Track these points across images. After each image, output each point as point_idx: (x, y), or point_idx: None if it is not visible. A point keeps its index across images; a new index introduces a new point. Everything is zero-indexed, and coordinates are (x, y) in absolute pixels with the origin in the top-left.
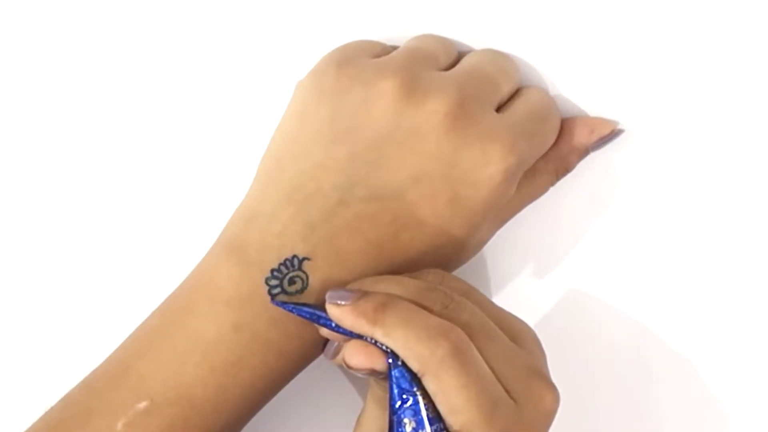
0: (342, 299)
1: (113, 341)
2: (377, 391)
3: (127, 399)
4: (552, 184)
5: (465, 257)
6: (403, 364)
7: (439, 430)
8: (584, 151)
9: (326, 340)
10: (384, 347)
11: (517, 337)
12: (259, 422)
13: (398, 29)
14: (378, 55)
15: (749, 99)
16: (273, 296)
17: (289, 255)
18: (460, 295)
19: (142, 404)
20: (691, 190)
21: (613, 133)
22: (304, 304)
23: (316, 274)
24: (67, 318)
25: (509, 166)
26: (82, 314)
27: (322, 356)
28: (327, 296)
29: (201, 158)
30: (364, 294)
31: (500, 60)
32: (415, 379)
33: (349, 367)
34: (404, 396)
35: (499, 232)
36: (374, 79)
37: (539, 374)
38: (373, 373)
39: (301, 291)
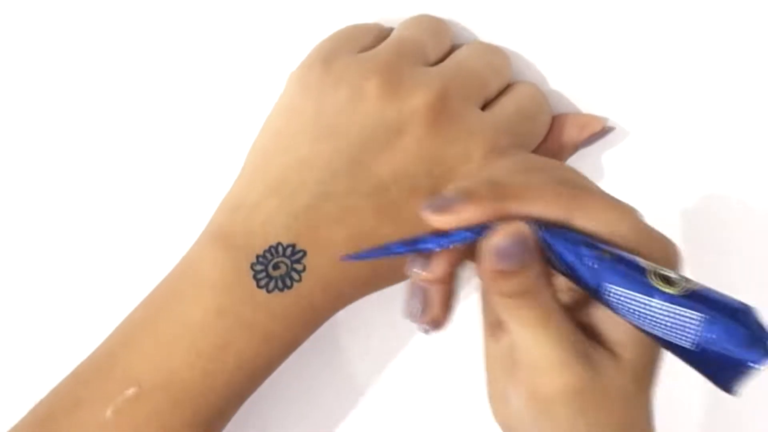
0: (446, 201)
1: (101, 335)
2: (490, 317)
3: (115, 387)
4: None
5: None
6: (548, 225)
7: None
8: (574, 148)
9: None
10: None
11: None
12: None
13: (394, 12)
14: (370, 43)
15: (739, 99)
16: (258, 281)
17: (273, 242)
18: None
19: (131, 391)
20: (681, 187)
21: (603, 131)
22: (381, 245)
23: (299, 261)
24: (55, 312)
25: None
26: (69, 309)
27: (311, 343)
28: (423, 210)
29: (189, 151)
30: (463, 187)
31: (490, 55)
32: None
33: (499, 252)
34: (569, 248)
35: None
36: (359, 77)
37: None
38: (524, 253)
39: (286, 275)
